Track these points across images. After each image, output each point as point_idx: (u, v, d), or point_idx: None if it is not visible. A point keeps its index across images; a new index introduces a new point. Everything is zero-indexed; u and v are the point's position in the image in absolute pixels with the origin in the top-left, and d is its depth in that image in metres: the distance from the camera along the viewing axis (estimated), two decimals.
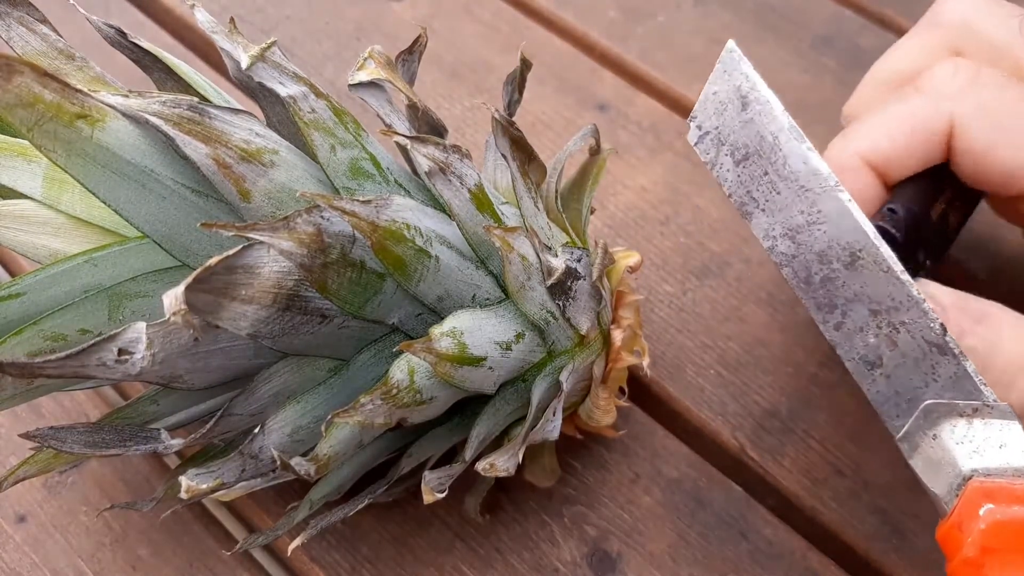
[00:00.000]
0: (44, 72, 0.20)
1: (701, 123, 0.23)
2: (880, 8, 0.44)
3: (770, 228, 0.22)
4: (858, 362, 0.22)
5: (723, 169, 0.23)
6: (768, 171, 0.22)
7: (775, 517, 0.31)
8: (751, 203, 0.23)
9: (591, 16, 0.44)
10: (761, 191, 0.22)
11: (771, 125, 0.22)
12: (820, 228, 0.22)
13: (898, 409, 0.22)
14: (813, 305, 0.22)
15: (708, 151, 0.23)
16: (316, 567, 0.30)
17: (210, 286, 0.19)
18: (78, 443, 0.22)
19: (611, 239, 0.37)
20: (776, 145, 0.22)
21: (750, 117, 0.22)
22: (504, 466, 0.25)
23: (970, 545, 0.20)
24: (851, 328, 0.22)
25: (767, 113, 0.22)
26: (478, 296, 0.25)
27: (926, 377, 0.21)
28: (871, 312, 0.22)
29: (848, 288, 0.22)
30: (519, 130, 0.25)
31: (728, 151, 0.23)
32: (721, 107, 0.23)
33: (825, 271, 0.22)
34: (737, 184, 0.23)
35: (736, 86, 0.23)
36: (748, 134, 0.22)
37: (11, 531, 0.31)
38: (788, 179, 0.22)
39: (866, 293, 0.21)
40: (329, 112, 0.23)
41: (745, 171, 0.23)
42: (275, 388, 0.23)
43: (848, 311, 0.22)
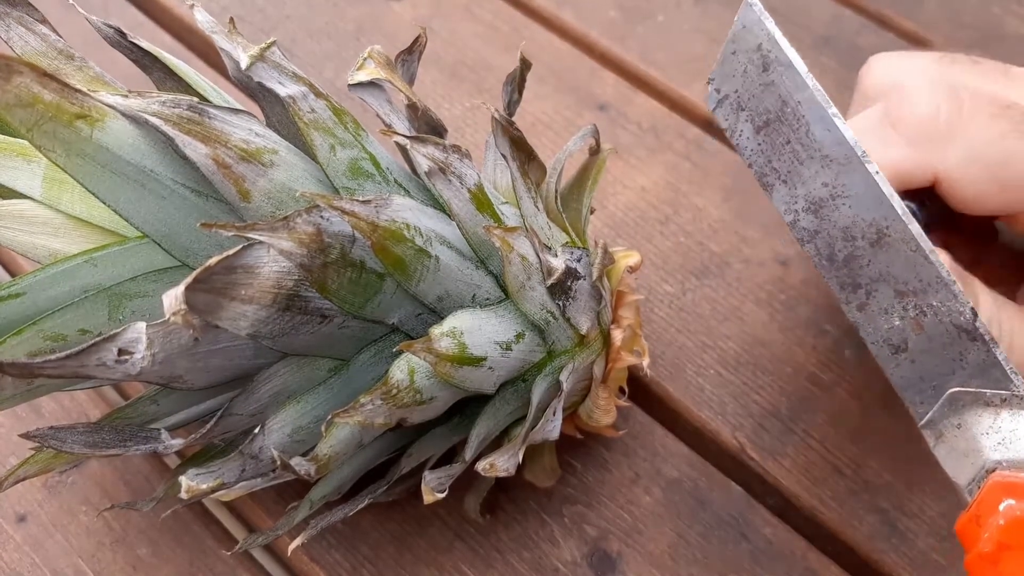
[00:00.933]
0: (44, 72, 0.20)
1: (719, 86, 0.22)
2: (880, 8, 0.44)
3: (792, 201, 0.21)
4: (882, 345, 0.21)
5: (743, 136, 0.21)
6: (791, 139, 0.21)
7: (775, 517, 0.31)
8: (772, 174, 0.21)
9: (591, 16, 0.44)
10: (783, 161, 0.21)
11: (794, 89, 0.20)
12: (845, 202, 0.20)
13: (922, 395, 0.21)
14: (836, 284, 0.21)
15: (727, 117, 0.22)
16: (316, 567, 0.30)
17: (210, 286, 0.19)
18: (78, 443, 0.22)
19: (611, 239, 0.37)
20: (799, 111, 0.20)
21: (771, 80, 0.21)
22: (504, 466, 0.25)
23: (987, 540, 0.19)
24: (875, 309, 0.21)
25: (790, 75, 0.20)
26: (478, 296, 0.25)
27: (953, 363, 0.20)
28: (897, 293, 0.20)
29: (873, 267, 0.20)
30: (519, 130, 0.25)
31: (748, 117, 0.21)
32: (740, 68, 0.21)
33: (849, 248, 0.20)
34: (757, 153, 0.21)
35: (756, 45, 0.21)
36: (769, 98, 0.21)
37: (11, 531, 0.31)
38: (811, 148, 0.20)
39: (892, 273, 0.20)
40: (329, 112, 0.23)
41: (766, 139, 0.21)
42: (275, 388, 0.23)
43: (873, 291, 0.21)
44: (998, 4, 0.44)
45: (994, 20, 0.44)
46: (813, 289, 0.36)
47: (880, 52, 0.29)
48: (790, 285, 0.36)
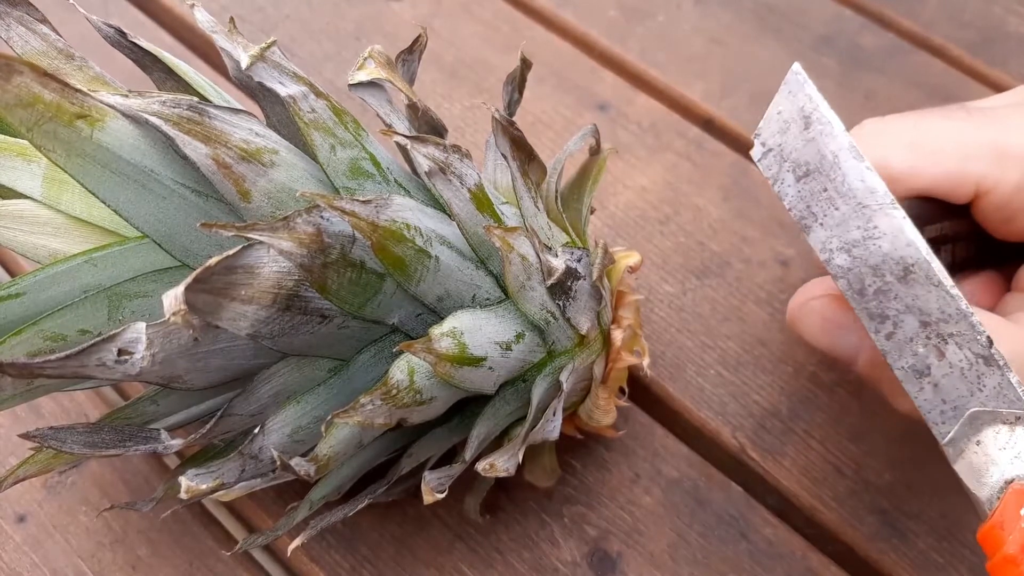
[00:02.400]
0: (44, 72, 0.20)
1: (765, 140, 0.25)
2: (880, 8, 0.44)
3: (827, 241, 0.23)
4: (907, 371, 0.23)
5: (784, 185, 0.24)
6: (827, 187, 0.23)
7: (775, 517, 0.31)
8: (810, 217, 0.24)
9: (591, 16, 0.44)
10: (820, 206, 0.23)
11: (832, 144, 0.23)
12: (875, 243, 0.23)
13: (944, 416, 0.23)
14: (866, 315, 0.23)
15: (771, 167, 0.24)
16: (316, 567, 0.30)
17: (210, 286, 0.19)
18: (78, 443, 0.22)
19: (611, 239, 0.37)
20: (836, 163, 0.23)
21: (812, 136, 0.23)
22: (504, 466, 0.25)
23: (1011, 542, 0.21)
24: (901, 338, 0.23)
25: (828, 132, 0.23)
26: (478, 296, 0.25)
27: (972, 387, 0.22)
28: (921, 323, 0.22)
29: (900, 300, 0.23)
30: (519, 130, 0.25)
31: (790, 168, 0.24)
32: (785, 126, 0.24)
33: (878, 283, 0.23)
34: (797, 199, 0.24)
35: (800, 107, 0.24)
36: (810, 152, 0.23)
37: (11, 531, 0.31)
38: (846, 196, 0.23)
39: (917, 305, 0.22)
40: (329, 112, 0.23)
41: (806, 187, 0.24)
42: (275, 388, 0.23)
43: (899, 322, 0.23)
44: (999, 4, 0.44)
45: (995, 20, 0.44)
46: None
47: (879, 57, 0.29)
48: (790, 285, 0.36)
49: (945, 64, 0.42)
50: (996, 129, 0.26)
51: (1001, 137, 0.26)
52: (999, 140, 0.26)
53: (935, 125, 0.27)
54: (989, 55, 0.43)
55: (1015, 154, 0.26)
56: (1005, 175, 0.26)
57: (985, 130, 0.26)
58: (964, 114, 0.27)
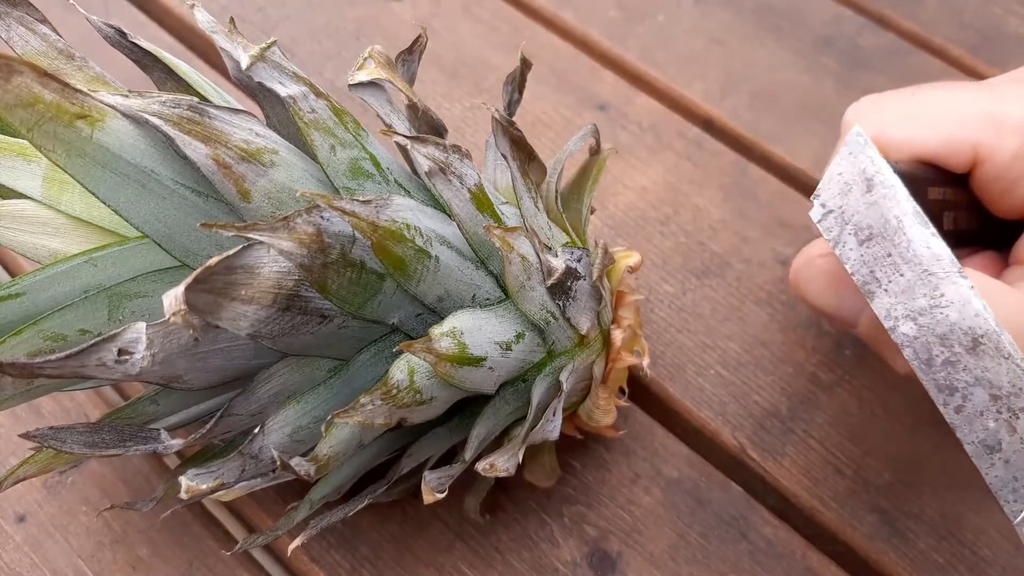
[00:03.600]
0: (44, 72, 0.20)
1: (825, 202, 0.24)
2: (880, 8, 0.44)
3: (892, 309, 0.23)
4: (977, 445, 0.22)
5: (846, 248, 0.23)
6: (891, 252, 0.23)
7: (775, 517, 0.31)
8: (874, 283, 0.23)
9: (591, 16, 0.44)
10: (884, 272, 0.23)
11: (896, 208, 0.23)
12: (943, 312, 0.22)
13: (1015, 494, 0.22)
14: (933, 387, 0.22)
15: (831, 229, 0.24)
16: (316, 567, 0.30)
17: (210, 286, 0.19)
18: (78, 443, 0.22)
19: (611, 239, 0.37)
20: (900, 228, 0.23)
21: (875, 200, 0.23)
22: (504, 466, 0.25)
23: None
24: (971, 412, 0.22)
25: (892, 197, 0.23)
26: (478, 296, 0.25)
27: None
28: (991, 397, 0.22)
29: (969, 372, 0.22)
30: (519, 130, 0.25)
31: (852, 231, 0.23)
32: (846, 188, 0.24)
33: (947, 354, 0.22)
34: (860, 263, 0.23)
35: (862, 169, 0.23)
36: (872, 215, 0.23)
37: (11, 531, 0.31)
38: (912, 262, 0.22)
39: (987, 378, 0.22)
40: (329, 112, 0.23)
41: (868, 251, 0.23)
42: (275, 388, 0.23)
43: (968, 395, 0.22)
44: (999, 4, 0.44)
45: (995, 20, 0.44)
46: None
47: (879, 57, 0.29)
48: (790, 287, 0.36)
49: (945, 64, 0.42)
50: (993, 98, 0.26)
51: (998, 106, 0.26)
52: (996, 109, 0.26)
53: (933, 95, 0.27)
54: (989, 55, 0.43)
55: (1012, 123, 0.26)
56: (1002, 143, 0.26)
57: (982, 99, 0.26)
58: (962, 85, 0.27)
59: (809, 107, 0.41)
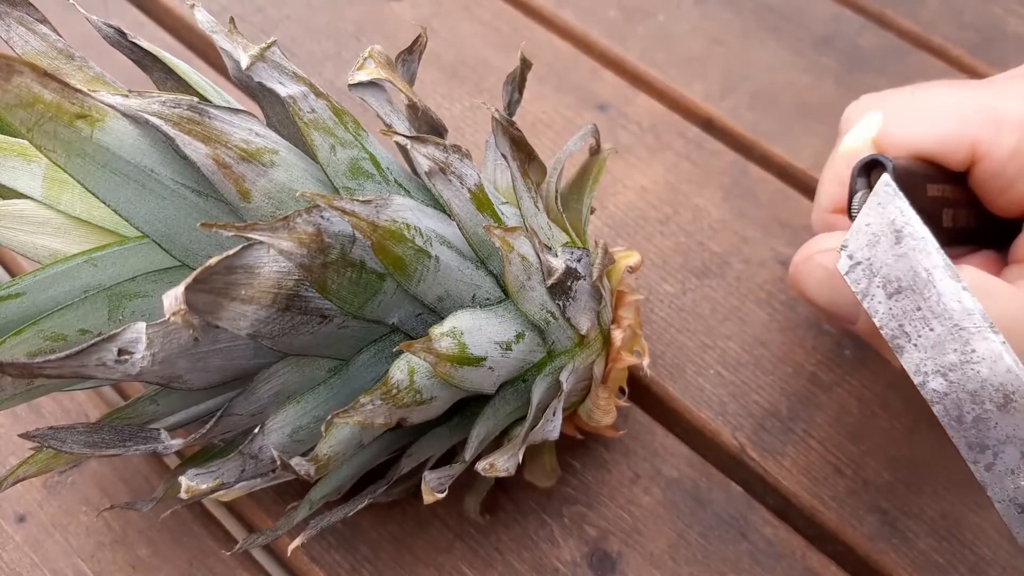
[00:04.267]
0: (44, 72, 0.20)
1: (852, 253, 0.24)
2: (880, 8, 0.44)
3: (921, 364, 0.22)
4: (1008, 504, 0.22)
5: (875, 300, 0.23)
6: (921, 306, 0.22)
7: (775, 517, 0.31)
8: (903, 337, 0.23)
9: (591, 16, 0.44)
10: (914, 326, 0.22)
11: (925, 261, 0.22)
12: (974, 368, 0.22)
13: None
14: (964, 444, 0.22)
15: (859, 281, 0.23)
16: (316, 567, 0.30)
17: (210, 286, 0.19)
18: (78, 443, 0.22)
19: (611, 239, 0.37)
20: (931, 281, 0.22)
21: (904, 252, 0.22)
22: (504, 466, 0.25)
23: None
24: (1002, 470, 0.22)
25: (921, 249, 0.22)
26: (478, 296, 0.25)
27: None
28: (1023, 454, 0.22)
29: (1000, 429, 0.22)
30: (519, 130, 0.25)
31: (880, 283, 0.23)
32: (874, 239, 0.23)
33: (977, 411, 0.22)
34: (889, 317, 0.23)
35: (890, 220, 0.23)
36: (901, 268, 0.23)
37: (11, 531, 0.31)
38: (942, 316, 0.22)
39: (1019, 436, 0.21)
40: (329, 112, 0.23)
41: (897, 304, 0.23)
42: (275, 388, 0.23)
43: (1000, 452, 0.22)
44: (999, 4, 0.44)
45: (995, 20, 0.44)
46: None
47: (879, 57, 0.29)
48: (790, 285, 0.36)
49: (945, 64, 0.42)
50: (992, 95, 0.26)
51: (997, 103, 0.26)
52: (995, 106, 0.26)
53: (932, 91, 0.27)
54: (989, 55, 0.43)
55: (1010, 120, 0.26)
56: (1000, 140, 0.26)
57: (981, 96, 0.26)
58: (961, 83, 0.27)
59: (809, 107, 0.41)
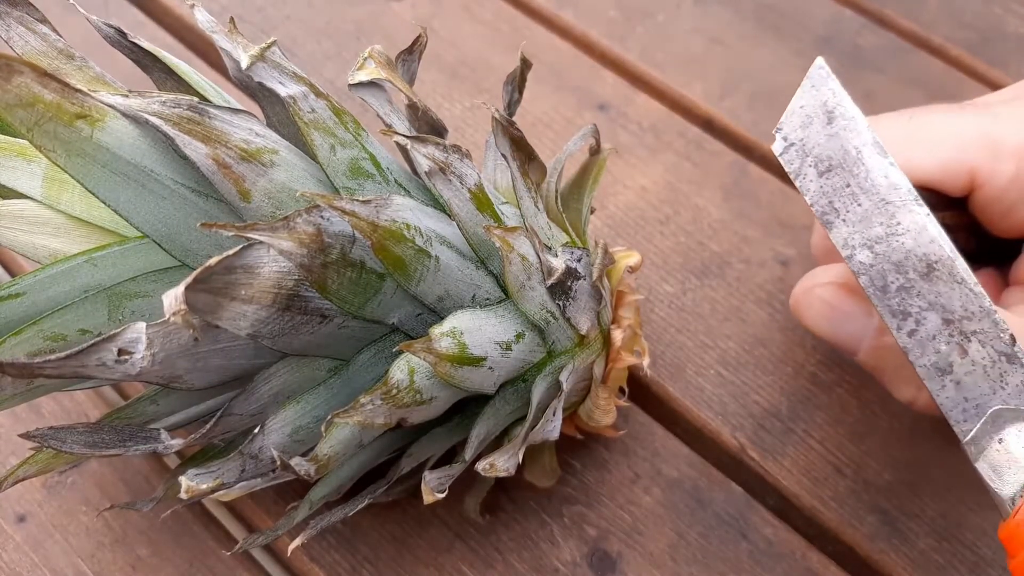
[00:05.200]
0: (44, 72, 0.20)
1: (787, 135, 0.24)
2: (880, 8, 0.44)
3: (849, 238, 0.23)
4: (929, 368, 0.23)
5: (806, 180, 0.24)
6: (850, 183, 0.23)
7: (775, 517, 0.31)
8: (832, 213, 0.23)
9: (591, 16, 0.44)
10: (843, 202, 0.23)
11: (856, 139, 0.23)
12: (899, 239, 0.23)
13: (965, 414, 0.23)
14: (887, 312, 0.23)
15: (792, 161, 0.24)
16: (316, 567, 0.30)
17: (210, 286, 0.19)
18: (78, 443, 0.22)
19: (611, 239, 0.37)
20: (859, 158, 0.23)
21: (835, 131, 0.23)
22: (504, 466, 0.25)
23: None
24: (924, 336, 0.23)
25: (852, 128, 0.23)
26: (478, 296, 0.25)
27: (994, 384, 0.22)
28: (944, 321, 0.22)
29: (923, 297, 0.23)
30: (519, 130, 0.25)
31: (812, 163, 0.24)
32: (807, 120, 0.24)
33: (901, 280, 0.23)
34: (819, 194, 0.24)
35: (823, 101, 0.24)
36: (833, 147, 0.23)
37: (11, 531, 0.31)
38: (869, 191, 0.23)
39: (940, 303, 0.22)
40: (329, 112, 0.23)
41: (828, 182, 0.23)
42: (275, 388, 0.23)
43: (922, 319, 0.23)
44: (999, 4, 0.44)
45: (995, 20, 0.44)
46: None
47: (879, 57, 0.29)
48: (790, 285, 0.36)
49: (945, 64, 0.42)
50: (989, 122, 0.26)
51: (994, 130, 0.26)
52: (992, 133, 0.26)
53: (929, 118, 0.27)
54: (989, 55, 0.43)
55: (1009, 147, 0.26)
56: (999, 168, 0.26)
57: (979, 123, 0.26)
58: (958, 108, 0.27)
59: None
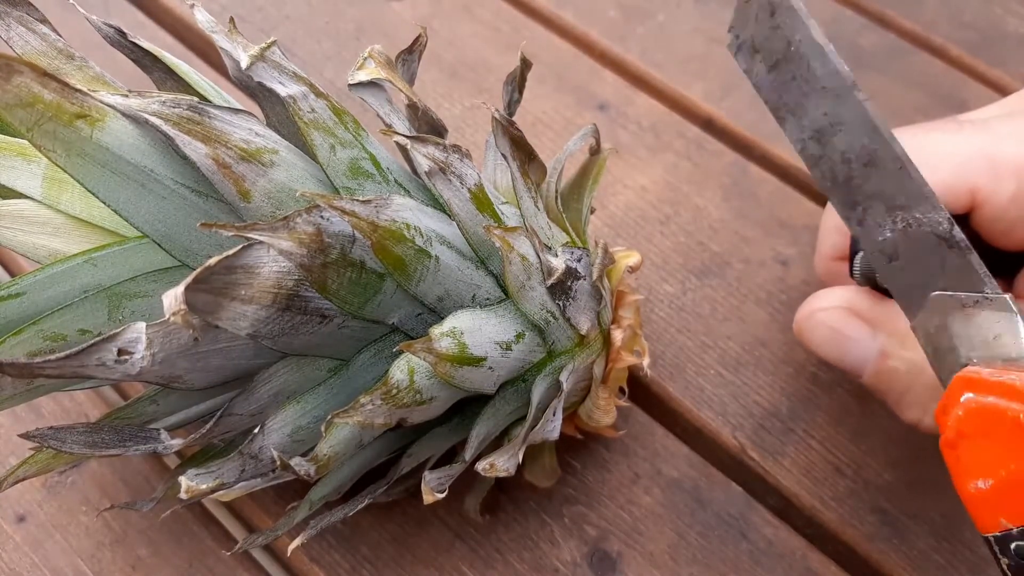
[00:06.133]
0: (44, 72, 0.20)
1: (738, 33, 0.25)
2: (880, 8, 0.44)
3: (800, 131, 0.24)
4: (879, 255, 0.23)
5: (758, 76, 0.24)
6: (796, 75, 0.24)
7: (775, 517, 0.31)
8: (783, 108, 0.24)
9: (591, 16, 0.44)
10: (791, 95, 0.24)
11: (796, 30, 0.23)
12: (841, 128, 0.23)
13: (912, 300, 0.23)
14: (838, 203, 0.24)
15: (745, 59, 0.25)
16: (316, 567, 0.30)
17: (210, 286, 0.19)
18: (78, 443, 0.22)
19: (611, 239, 0.37)
20: (800, 49, 0.23)
21: (778, 24, 0.24)
22: (504, 466, 0.25)
23: (949, 428, 0.22)
24: (871, 224, 0.23)
25: (793, 18, 0.23)
26: (478, 296, 0.25)
27: (936, 269, 0.23)
28: (888, 208, 0.23)
29: (867, 186, 0.23)
30: (519, 130, 0.25)
31: (761, 58, 0.24)
32: (753, 16, 0.24)
33: (847, 171, 0.23)
34: (771, 90, 0.24)
35: None
36: (778, 40, 0.24)
37: (11, 531, 0.31)
38: (812, 81, 0.23)
39: (883, 190, 0.23)
40: (329, 112, 0.23)
41: (776, 77, 0.24)
42: (275, 388, 0.23)
43: (868, 208, 0.23)
44: (999, 4, 0.44)
45: (995, 20, 0.44)
46: (813, 289, 0.36)
47: (879, 57, 0.29)
48: (790, 285, 0.36)
49: (945, 64, 0.42)
50: (987, 140, 0.26)
51: (993, 148, 0.26)
52: (991, 151, 0.26)
53: (927, 138, 0.27)
54: (989, 55, 0.43)
55: (1008, 165, 0.26)
56: (999, 186, 0.26)
57: (977, 141, 0.26)
58: (955, 126, 0.27)
59: None
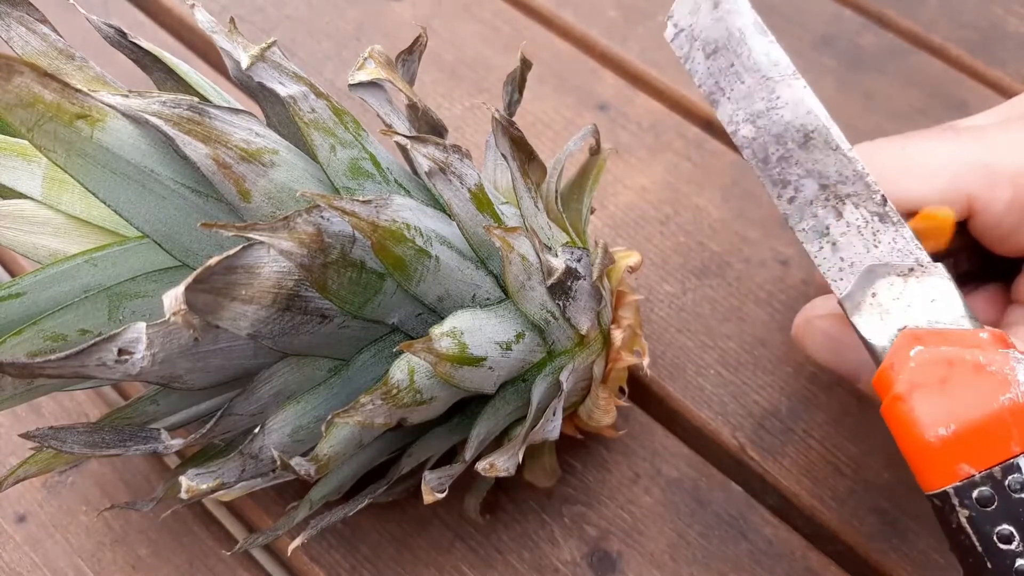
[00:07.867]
0: (44, 72, 0.20)
1: (677, 21, 0.26)
2: (880, 8, 0.44)
3: (734, 114, 0.25)
4: (808, 232, 0.25)
5: (695, 63, 0.26)
6: (734, 63, 0.25)
7: (775, 517, 0.31)
8: (718, 92, 0.25)
9: (591, 16, 0.44)
10: (727, 81, 0.25)
11: (739, 21, 0.25)
12: (778, 112, 0.25)
13: (842, 273, 0.24)
14: (769, 182, 0.25)
15: (682, 46, 0.26)
16: (316, 567, 0.30)
17: (210, 286, 0.19)
18: (78, 443, 0.22)
19: (611, 239, 0.37)
20: (742, 39, 0.25)
21: (720, 15, 0.25)
22: (504, 466, 0.25)
23: (901, 381, 0.22)
24: (802, 202, 0.25)
25: (735, 10, 0.25)
26: (478, 296, 0.25)
27: (868, 243, 0.24)
28: (820, 187, 0.24)
29: (801, 166, 0.24)
30: (519, 130, 0.25)
31: (700, 46, 0.26)
32: (696, 7, 0.26)
33: (781, 151, 0.25)
34: (707, 76, 0.26)
35: None
36: (718, 30, 0.25)
37: (11, 531, 0.31)
38: (752, 69, 0.25)
39: (817, 169, 0.24)
40: (329, 112, 0.23)
41: (714, 64, 0.25)
42: (275, 388, 0.23)
43: (800, 187, 0.25)
44: (999, 4, 0.44)
45: (995, 20, 0.44)
46: (813, 289, 0.36)
47: (879, 57, 0.29)
48: (790, 285, 0.36)
49: (945, 64, 0.42)
50: (984, 148, 0.27)
51: (989, 156, 0.26)
52: (987, 159, 0.26)
53: (924, 146, 0.27)
54: (989, 55, 0.43)
55: (1005, 174, 0.26)
56: (995, 194, 0.26)
57: (973, 149, 0.27)
58: (952, 134, 0.27)
59: None
